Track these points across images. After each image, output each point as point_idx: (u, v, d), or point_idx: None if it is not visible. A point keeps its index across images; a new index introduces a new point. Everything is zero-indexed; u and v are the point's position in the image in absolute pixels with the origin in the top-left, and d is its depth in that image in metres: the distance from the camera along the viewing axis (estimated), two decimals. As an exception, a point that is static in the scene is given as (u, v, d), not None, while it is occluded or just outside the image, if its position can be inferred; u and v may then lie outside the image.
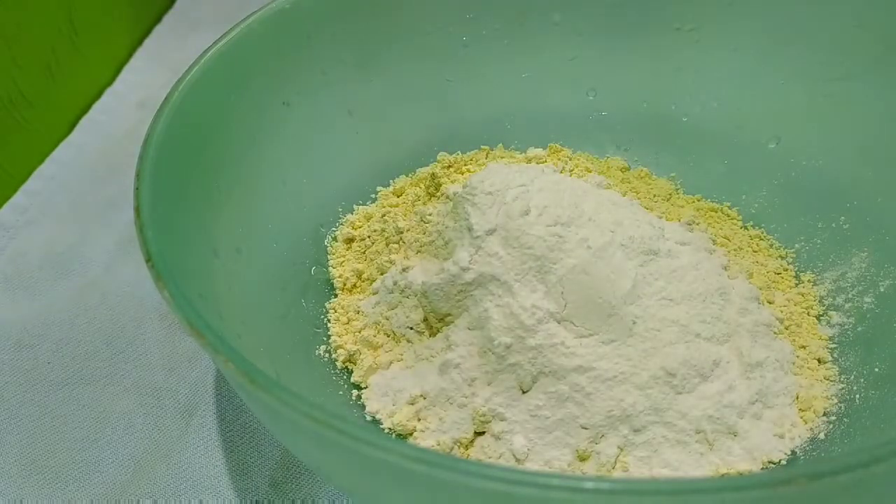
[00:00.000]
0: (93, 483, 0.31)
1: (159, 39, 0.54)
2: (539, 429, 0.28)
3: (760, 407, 0.29)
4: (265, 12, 0.34)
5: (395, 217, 0.35)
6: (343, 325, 0.33)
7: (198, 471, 0.31)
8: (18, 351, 0.36)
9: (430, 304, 0.31)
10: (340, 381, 0.32)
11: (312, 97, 0.36)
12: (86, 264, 0.39)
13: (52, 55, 0.46)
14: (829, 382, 0.30)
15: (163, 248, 0.25)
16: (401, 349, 0.32)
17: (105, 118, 0.48)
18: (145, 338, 0.36)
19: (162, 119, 0.29)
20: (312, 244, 0.35)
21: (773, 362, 0.30)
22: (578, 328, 0.29)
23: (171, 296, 0.23)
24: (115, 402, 0.34)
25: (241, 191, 0.32)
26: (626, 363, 0.28)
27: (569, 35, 0.39)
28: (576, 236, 0.30)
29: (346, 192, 0.37)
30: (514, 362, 0.28)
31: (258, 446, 0.32)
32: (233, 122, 0.32)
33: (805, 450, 0.28)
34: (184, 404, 0.33)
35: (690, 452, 0.27)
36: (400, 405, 0.30)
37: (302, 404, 0.21)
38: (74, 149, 0.46)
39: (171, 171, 0.28)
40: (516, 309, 0.29)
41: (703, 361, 0.28)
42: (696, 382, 0.28)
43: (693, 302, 0.29)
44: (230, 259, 0.30)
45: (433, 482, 0.20)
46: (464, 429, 0.29)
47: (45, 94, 0.46)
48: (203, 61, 0.31)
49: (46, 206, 0.43)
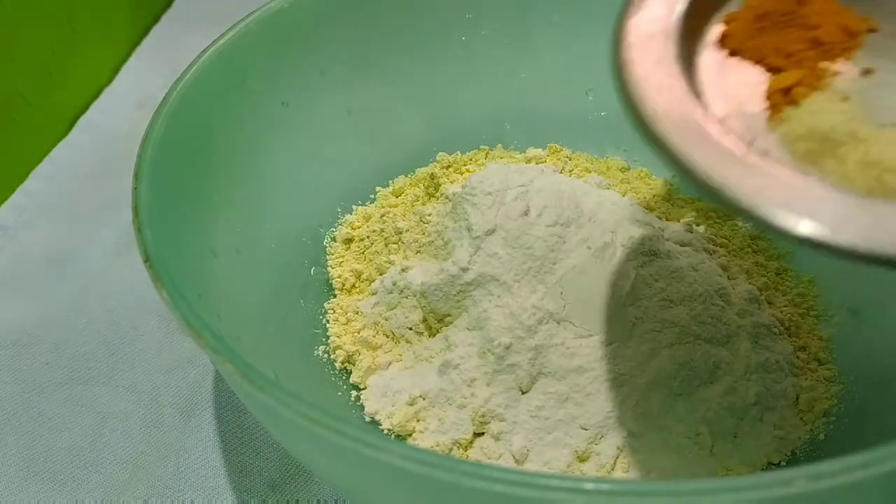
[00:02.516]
0: (91, 484, 0.31)
1: (158, 39, 0.53)
2: (538, 429, 0.28)
3: (760, 409, 0.29)
4: (264, 12, 0.34)
5: (394, 217, 0.35)
6: (342, 326, 0.33)
7: (197, 472, 0.31)
8: (17, 351, 0.36)
9: (429, 305, 0.31)
10: (339, 381, 0.32)
11: (311, 97, 0.36)
12: (84, 265, 0.39)
13: (51, 55, 0.46)
14: (830, 383, 0.30)
15: (161, 248, 0.25)
16: (400, 350, 0.32)
17: (103, 118, 0.48)
18: (144, 338, 0.36)
19: (160, 119, 0.29)
20: (311, 244, 0.35)
21: (772, 364, 0.29)
22: (578, 329, 0.29)
23: (169, 296, 0.23)
24: (114, 402, 0.34)
25: (239, 191, 0.32)
26: (625, 364, 0.28)
27: (569, 35, 0.39)
28: (576, 237, 0.30)
29: (345, 192, 0.37)
30: (514, 363, 0.28)
31: (257, 447, 0.32)
32: (231, 123, 0.32)
33: (805, 451, 0.28)
34: (182, 405, 0.33)
35: (690, 455, 0.27)
36: (399, 406, 0.30)
37: (300, 405, 0.21)
38: (73, 149, 0.46)
39: (170, 172, 0.28)
40: (516, 309, 0.29)
41: (703, 363, 0.28)
42: (695, 384, 0.28)
43: (693, 303, 0.29)
44: (229, 259, 0.30)
45: (432, 483, 0.20)
46: (463, 429, 0.28)
47: (44, 94, 0.46)
48: (201, 61, 0.31)
49: (45, 206, 0.43)
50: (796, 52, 0.25)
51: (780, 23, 0.25)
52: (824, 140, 0.22)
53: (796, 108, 0.23)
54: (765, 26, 0.25)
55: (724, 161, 0.21)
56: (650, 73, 0.23)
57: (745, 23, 0.25)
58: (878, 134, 0.22)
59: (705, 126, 0.22)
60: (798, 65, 0.25)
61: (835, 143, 0.22)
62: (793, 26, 0.25)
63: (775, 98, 0.24)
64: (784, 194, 0.20)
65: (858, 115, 0.23)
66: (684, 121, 0.22)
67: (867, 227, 0.19)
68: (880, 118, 0.23)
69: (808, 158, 0.22)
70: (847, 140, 0.22)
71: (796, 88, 0.24)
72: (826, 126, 0.22)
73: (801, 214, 0.20)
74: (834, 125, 0.22)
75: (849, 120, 0.23)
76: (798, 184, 0.21)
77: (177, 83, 0.30)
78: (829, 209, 0.20)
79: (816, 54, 0.25)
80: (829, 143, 0.22)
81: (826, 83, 0.24)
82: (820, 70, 0.24)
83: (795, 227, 0.20)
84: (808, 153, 0.22)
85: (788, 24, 0.25)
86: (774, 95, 0.24)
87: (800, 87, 0.24)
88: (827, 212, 0.20)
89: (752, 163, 0.21)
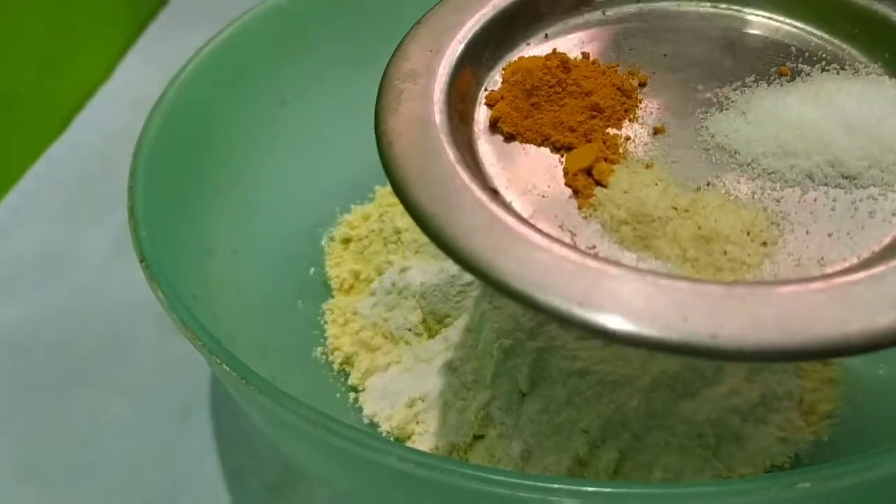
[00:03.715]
0: (86, 488, 0.31)
1: (154, 37, 0.53)
2: (538, 433, 0.28)
3: (764, 410, 0.28)
4: (261, 9, 0.34)
5: (392, 217, 0.35)
6: (340, 327, 0.32)
7: (193, 475, 0.31)
8: (11, 353, 0.35)
9: (428, 306, 0.31)
10: (338, 383, 0.31)
11: (309, 95, 0.36)
12: (79, 265, 0.39)
13: (46, 53, 0.46)
14: (834, 385, 0.30)
15: (157, 248, 0.25)
16: (399, 351, 0.31)
17: (99, 117, 0.48)
18: (139, 339, 0.36)
19: (156, 117, 0.28)
20: (309, 244, 0.35)
21: (776, 365, 0.29)
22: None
23: (165, 296, 0.23)
24: (109, 404, 0.33)
25: (236, 190, 0.32)
26: (627, 366, 0.28)
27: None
28: (576, 237, 0.29)
29: (344, 191, 0.37)
30: (514, 365, 0.28)
31: (254, 450, 0.31)
32: (228, 121, 0.32)
33: (809, 453, 0.28)
34: (179, 407, 0.33)
35: (692, 457, 0.27)
36: (398, 408, 0.29)
37: (298, 406, 0.20)
38: (68, 148, 0.46)
39: (166, 171, 0.28)
40: (516, 311, 0.28)
41: (706, 364, 0.28)
42: (698, 386, 0.28)
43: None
44: (225, 259, 0.30)
45: (431, 486, 0.20)
46: (462, 432, 0.28)
47: (39, 92, 0.46)
48: (198, 59, 0.31)
49: (39, 206, 0.42)
50: (579, 123, 0.23)
51: (553, 95, 0.23)
52: (650, 220, 0.21)
53: (606, 188, 0.21)
54: (536, 102, 0.23)
55: (563, 272, 0.18)
56: (429, 182, 0.20)
57: (513, 101, 0.24)
58: (699, 200, 0.21)
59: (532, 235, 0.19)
60: (586, 137, 0.23)
61: (661, 220, 0.21)
62: (566, 97, 0.23)
63: (579, 182, 0.22)
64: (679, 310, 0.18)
65: (670, 181, 0.22)
66: (501, 232, 0.19)
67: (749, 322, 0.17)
68: (691, 180, 0.22)
69: (639, 243, 0.20)
70: (672, 215, 0.21)
71: (597, 166, 0.22)
72: (648, 204, 0.21)
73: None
74: (654, 201, 0.21)
75: (663, 191, 0.21)
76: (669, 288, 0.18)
77: (173, 81, 0.30)
78: (707, 312, 0.17)
79: (601, 122, 0.23)
80: (656, 223, 0.21)
81: (622, 154, 0.23)
82: (612, 139, 0.23)
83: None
84: (637, 237, 0.21)
85: (561, 95, 0.23)
86: (577, 179, 0.22)
87: (599, 163, 0.22)
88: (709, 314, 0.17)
89: (598, 272, 0.18)
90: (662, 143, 0.23)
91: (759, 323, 0.17)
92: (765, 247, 0.20)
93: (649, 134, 0.23)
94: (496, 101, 0.24)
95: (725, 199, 0.21)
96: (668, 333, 0.17)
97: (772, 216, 0.21)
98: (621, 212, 0.21)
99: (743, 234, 0.20)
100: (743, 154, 0.22)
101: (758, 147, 0.22)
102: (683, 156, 0.23)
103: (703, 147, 0.23)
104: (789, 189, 0.21)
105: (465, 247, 0.19)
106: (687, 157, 0.23)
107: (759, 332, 0.17)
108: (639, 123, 0.24)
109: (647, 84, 0.25)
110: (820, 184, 0.21)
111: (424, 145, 0.22)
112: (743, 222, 0.21)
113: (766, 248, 0.20)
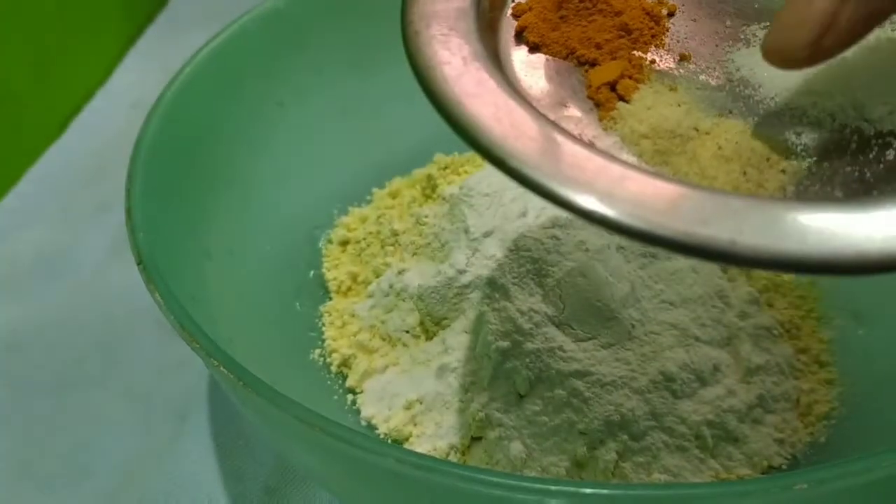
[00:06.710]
0: (83, 490, 0.31)
1: (152, 39, 0.53)
2: (536, 434, 0.28)
3: (761, 411, 0.28)
4: (259, 12, 0.34)
5: (390, 219, 0.35)
6: (338, 329, 0.32)
7: (191, 477, 0.31)
8: (8, 354, 0.35)
9: (426, 308, 0.31)
10: (335, 385, 0.31)
11: (307, 97, 0.36)
12: (77, 267, 0.39)
13: (45, 55, 0.46)
14: (831, 386, 0.30)
15: (154, 250, 0.25)
16: (396, 353, 0.31)
17: (97, 119, 0.48)
18: (137, 341, 0.36)
19: (154, 119, 0.28)
20: (307, 246, 0.35)
21: (773, 366, 0.29)
22: (576, 332, 0.28)
23: (162, 298, 0.23)
24: (107, 406, 0.33)
25: (234, 192, 0.32)
26: (624, 367, 0.28)
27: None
28: (574, 239, 0.29)
29: (341, 193, 0.37)
30: (512, 367, 0.28)
31: (252, 452, 0.31)
32: (226, 123, 0.32)
33: (806, 454, 0.28)
34: (176, 409, 0.33)
35: (690, 458, 0.27)
36: (395, 410, 0.29)
37: (295, 409, 0.20)
38: (66, 150, 0.46)
39: (164, 173, 0.28)
40: (513, 312, 0.28)
41: (703, 365, 0.28)
42: (695, 387, 0.28)
43: (692, 305, 0.29)
44: (223, 261, 0.30)
45: (429, 488, 0.20)
46: (460, 434, 0.28)
47: (38, 94, 0.45)
48: (196, 61, 0.31)
49: (38, 207, 0.42)
50: (606, 41, 0.23)
51: (582, 10, 0.23)
52: (671, 136, 0.21)
53: (628, 104, 0.22)
54: (565, 15, 0.24)
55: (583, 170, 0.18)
56: (461, 73, 0.21)
57: (542, 13, 0.24)
58: (721, 124, 0.21)
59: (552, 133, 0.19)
60: (612, 55, 0.23)
61: (683, 138, 0.21)
62: (595, 14, 0.23)
63: (602, 95, 0.22)
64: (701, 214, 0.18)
65: (693, 105, 0.22)
66: (530, 135, 0.19)
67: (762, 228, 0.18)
68: (713, 106, 0.22)
69: (658, 158, 0.21)
70: (693, 135, 0.21)
71: (621, 82, 0.22)
72: (671, 120, 0.21)
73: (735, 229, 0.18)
74: (677, 119, 0.21)
75: (686, 112, 0.21)
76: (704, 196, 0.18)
77: (171, 83, 0.30)
78: (747, 217, 0.18)
79: (628, 43, 0.23)
80: (677, 140, 0.21)
81: (647, 74, 0.23)
82: (638, 60, 0.23)
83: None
84: (656, 152, 0.21)
85: (590, 11, 0.23)
86: (600, 92, 0.22)
87: (624, 80, 0.22)
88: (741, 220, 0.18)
89: (622, 174, 0.19)
90: (687, 71, 0.23)
91: (777, 233, 0.17)
92: (783, 175, 0.20)
93: (675, 61, 0.23)
94: (524, 13, 0.24)
95: (747, 127, 0.21)
96: (688, 236, 0.17)
97: (792, 147, 0.21)
98: (643, 126, 0.21)
99: (763, 159, 0.20)
100: (766, 88, 0.22)
101: (781, 82, 0.22)
102: (707, 84, 0.23)
103: (728, 78, 0.23)
104: (810, 124, 0.21)
105: (488, 135, 0.19)
106: (711, 85, 0.23)
107: (778, 241, 0.17)
108: (665, 49, 0.24)
109: (675, 14, 0.25)
110: (840, 123, 0.21)
111: (450, 38, 0.22)
112: (763, 148, 0.21)
113: (784, 175, 0.20)
